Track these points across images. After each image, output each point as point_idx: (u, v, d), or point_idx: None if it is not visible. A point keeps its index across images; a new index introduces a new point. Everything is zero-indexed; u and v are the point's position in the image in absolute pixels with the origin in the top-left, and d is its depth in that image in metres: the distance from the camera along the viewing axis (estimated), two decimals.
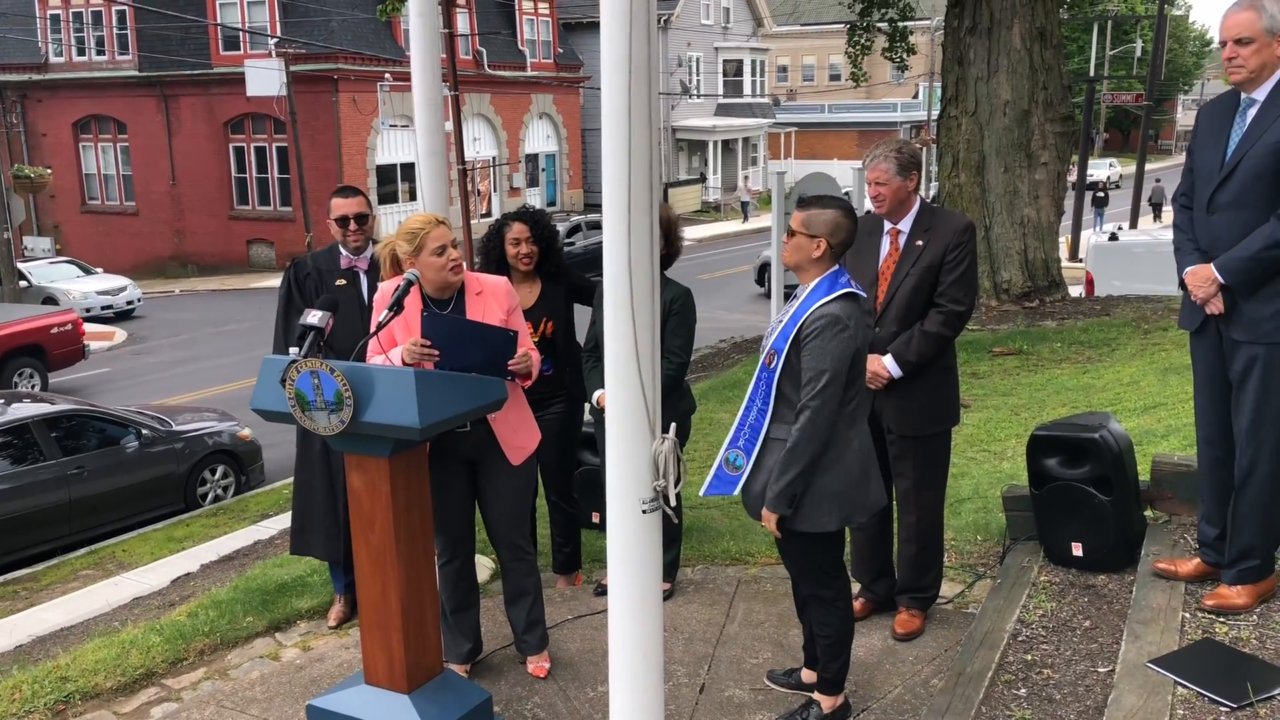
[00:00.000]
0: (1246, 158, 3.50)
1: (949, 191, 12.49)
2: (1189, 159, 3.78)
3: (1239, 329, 3.59)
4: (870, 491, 3.62)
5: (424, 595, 3.75)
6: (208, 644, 4.90)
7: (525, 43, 36.23)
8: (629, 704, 3.06)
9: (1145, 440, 5.97)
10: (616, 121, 2.79)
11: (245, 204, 31.16)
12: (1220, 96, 3.76)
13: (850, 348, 3.44)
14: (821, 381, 3.40)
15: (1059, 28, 12.55)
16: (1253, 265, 3.48)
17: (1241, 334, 3.58)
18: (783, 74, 56.61)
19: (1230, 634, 3.54)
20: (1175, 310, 11.21)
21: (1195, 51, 68.72)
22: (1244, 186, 3.51)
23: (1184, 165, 3.86)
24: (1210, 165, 3.62)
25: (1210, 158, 3.63)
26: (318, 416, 3.43)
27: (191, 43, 30.04)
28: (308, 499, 4.95)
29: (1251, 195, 3.49)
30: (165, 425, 10.97)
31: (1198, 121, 3.81)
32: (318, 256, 4.93)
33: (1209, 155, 3.64)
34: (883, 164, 4.12)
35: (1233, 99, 3.64)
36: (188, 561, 7.78)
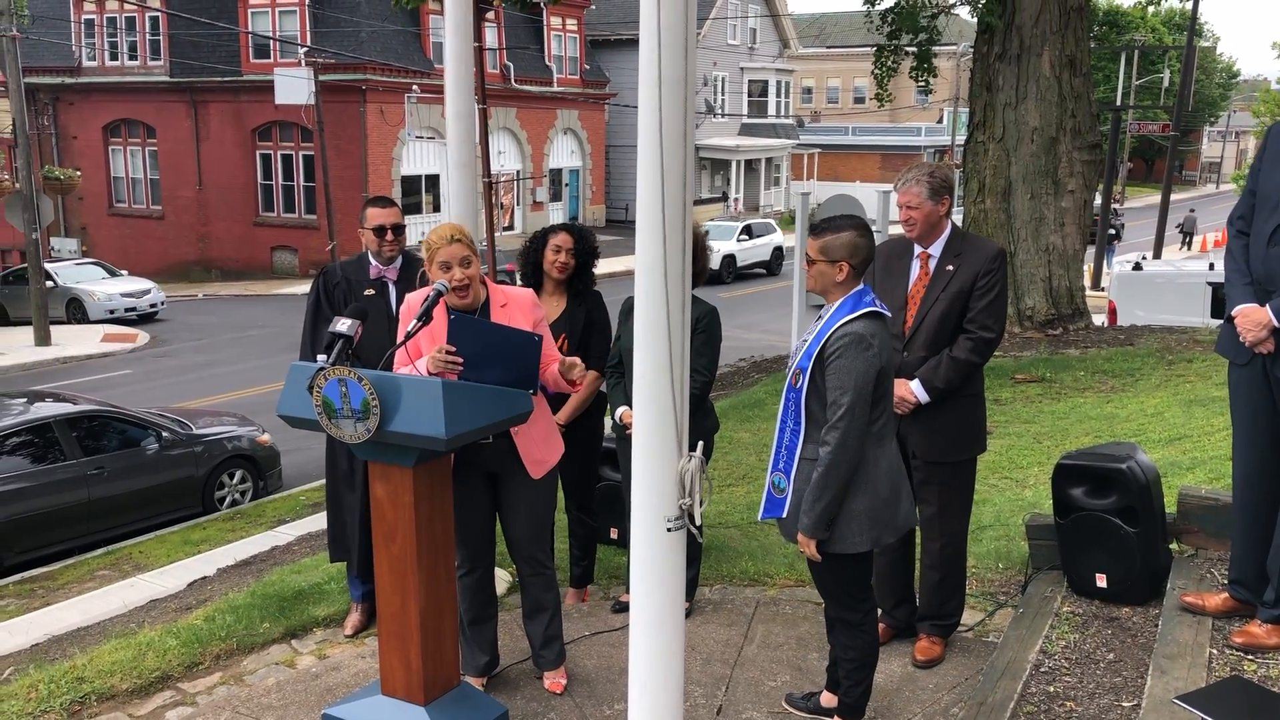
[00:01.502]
0: None
1: (974, 217, 12.45)
2: (1252, 180, 3.63)
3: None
4: (900, 511, 3.60)
5: (443, 607, 3.74)
6: (224, 649, 4.90)
7: (552, 58, 36.41)
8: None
9: (1171, 472, 5.92)
10: (651, 138, 2.79)
11: (270, 211, 31.37)
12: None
13: (874, 366, 3.42)
14: (847, 402, 3.39)
15: (1089, 56, 12.53)
16: None
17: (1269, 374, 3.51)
18: (807, 95, 56.68)
19: (1259, 672, 3.49)
20: (1200, 342, 11.17)
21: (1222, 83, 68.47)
22: None
23: (1246, 186, 3.71)
24: (1276, 193, 3.48)
25: (1277, 185, 3.49)
26: (344, 424, 3.43)
27: (223, 50, 30.32)
28: (339, 509, 4.98)
29: None
30: (185, 428, 11.01)
31: (1265, 142, 3.65)
32: (347, 265, 4.95)
33: (1276, 181, 3.50)
34: (914, 187, 4.10)
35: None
36: (204, 565, 7.79)
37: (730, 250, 28.24)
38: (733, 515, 6.51)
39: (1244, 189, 3.70)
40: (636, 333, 2.91)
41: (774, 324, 20.95)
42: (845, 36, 51.97)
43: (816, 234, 3.55)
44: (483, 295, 3.97)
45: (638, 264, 2.88)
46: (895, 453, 3.63)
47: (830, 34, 54.27)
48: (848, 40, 51.24)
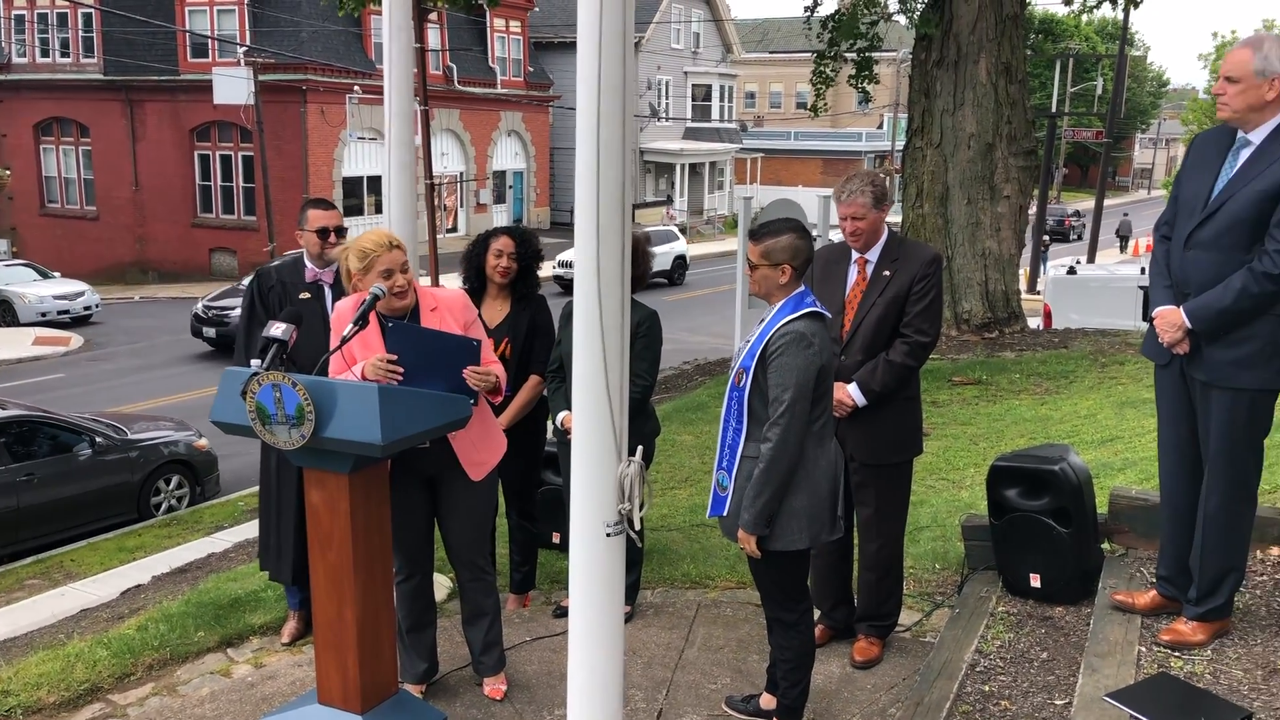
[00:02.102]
0: (1232, 200, 3.47)
1: (913, 222, 12.62)
2: (1175, 187, 3.74)
3: (1201, 369, 3.60)
4: (839, 511, 3.65)
5: (381, 615, 3.71)
6: (157, 659, 4.81)
7: (496, 60, 36.24)
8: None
9: (1103, 473, 6.03)
10: (590, 142, 2.79)
11: (209, 212, 30.86)
12: (1214, 129, 3.71)
13: (815, 364, 3.48)
14: (788, 399, 3.44)
15: (1024, 63, 12.75)
16: (1223, 317, 3.47)
17: (1203, 374, 3.60)
18: (750, 100, 57.05)
19: (1185, 669, 3.57)
20: (1132, 345, 11.41)
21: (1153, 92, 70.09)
22: (1223, 228, 3.48)
23: (1170, 193, 3.82)
24: (1195, 200, 3.58)
25: (1196, 191, 3.59)
26: (278, 431, 3.39)
27: (159, 48, 29.76)
28: (267, 516, 4.90)
29: (1229, 239, 3.47)
30: (120, 433, 10.80)
31: (1188, 151, 3.76)
32: (282, 268, 4.89)
33: (1195, 188, 3.60)
34: (860, 198, 4.13)
35: (1227, 134, 3.59)
36: (139, 573, 7.64)
37: None
38: (675, 518, 6.52)
39: (1169, 196, 3.81)
40: (575, 337, 2.90)
41: (719, 326, 21.01)
42: (788, 42, 52.35)
43: (757, 239, 3.59)
44: (413, 300, 3.93)
45: (576, 269, 2.87)
46: (835, 451, 3.68)
47: (773, 39, 54.72)
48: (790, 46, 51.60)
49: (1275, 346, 3.48)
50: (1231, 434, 3.57)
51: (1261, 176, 3.42)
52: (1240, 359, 3.50)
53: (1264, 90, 3.41)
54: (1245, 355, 3.49)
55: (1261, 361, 3.49)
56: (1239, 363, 3.50)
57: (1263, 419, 3.60)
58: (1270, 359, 3.49)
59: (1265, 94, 3.42)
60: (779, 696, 3.81)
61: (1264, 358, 3.49)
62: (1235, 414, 3.55)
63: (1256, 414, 3.56)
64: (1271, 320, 3.47)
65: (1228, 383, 3.53)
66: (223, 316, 19.44)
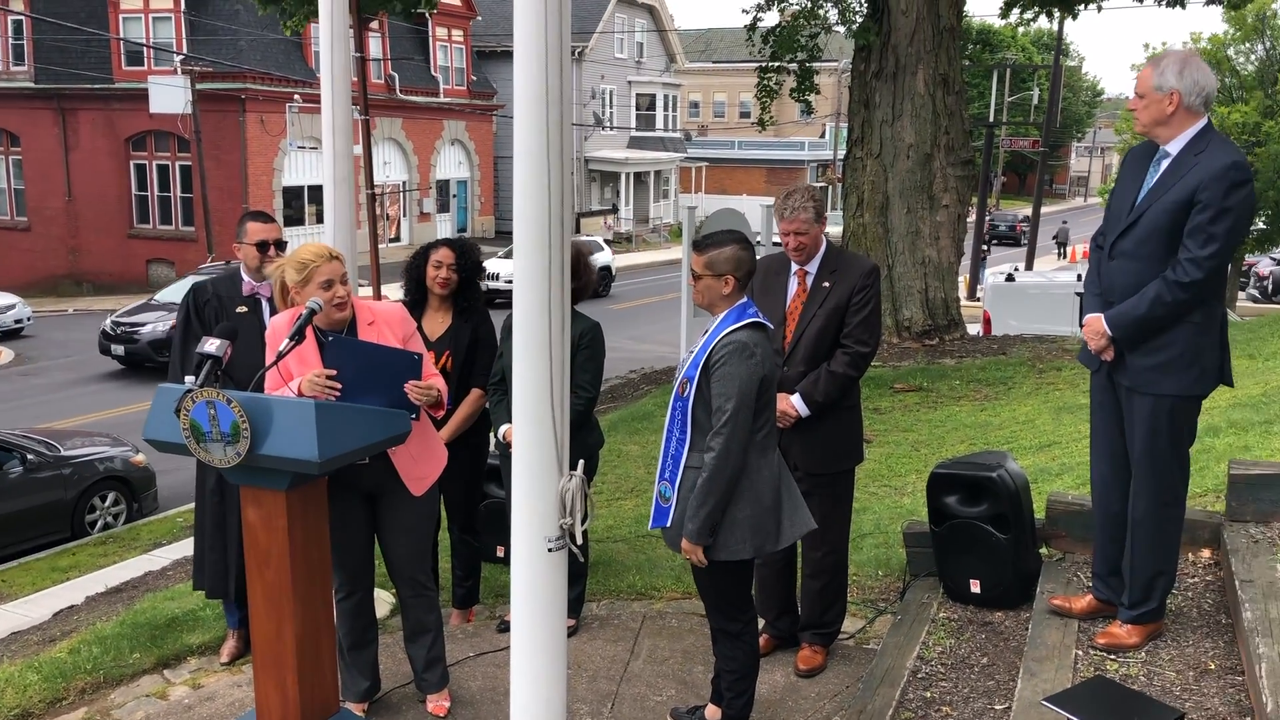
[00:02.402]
0: (1150, 210, 3.58)
1: (854, 231, 12.75)
2: (1108, 198, 3.89)
3: (1125, 375, 3.70)
4: (784, 521, 3.65)
5: (321, 633, 3.65)
6: (90, 682, 4.70)
7: (439, 69, 36.07)
8: None
9: (1041, 478, 6.13)
10: (528, 153, 2.78)
11: (146, 222, 30.31)
12: (1146, 142, 3.81)
13: (757, 374, 3.50)
14: (731, 408, 3.46)
15: (961, 74, 12.95)
16: (1140, 325, 3.58)
17: (1126, 380, 3.70)
18: (695, 110, 57.32)
19: (1121, 671, 3.63)
20: (1068, 351, 11.62)
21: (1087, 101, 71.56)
22: (1142, 238, 3.59)
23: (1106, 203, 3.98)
24: (1120, 210, 3.70)
25: (1122, 202, 3.71)
26: (213, 448, 3.33)
27: (92, 56, 29.21)
28: (202, 533, 4.81)
29: (1147, 248, 3.57)
30: (53, 449, 10.55)
31: (1123, 164, 3.89)
32: (218, 282, 4.81)
33: (1121, 199, 3.72)
34: (802, 214, 4.17)
35: (1153, 146, 3.70)
36: (72, 593, 7.46)
37: None
38: (621, 529, 6.52)
39: (1106, 206, 3.92)
40: (515, 350, 2.89)
41: (665, 335, 21.05)
42: (731, 52, 52.69)
43: (700, 250, 3.62)
44: (351, 313, 3.88)
45: (516, 281, 2.86)
46: (779, 462, 3.69)
47: (716, 49, 55.04)
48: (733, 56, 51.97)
49: (1193, 354, 3.58)
50: (1154, 439, 3.65)
51: (1175, 187, 3.53)
52: (1159, 365, 3.59)
53: (1164, 104, 3.54)
54: (1164, 362, 3.59)
55: (1180, 368, 3.58)
56: (1158, 369, 3.60)
57: (1184, 425, 3.68)
58: (1189, 366, 3.58)
59: (1165, 108, 3.55)
60: (724, 707, 3.82)
61: (1182, 365, 3.58)
62: (1157, 420, 3.63)
63: (1177, 420, 3.64)
64: (1189, 328, 3.56)
65: (1148, 389, 3.62)
66: (133, 333, 18.67)
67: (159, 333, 18.34)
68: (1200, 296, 3.51)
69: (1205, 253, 3.45)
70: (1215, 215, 3.43)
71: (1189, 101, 3.52)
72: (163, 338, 18.22)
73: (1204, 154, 3.51)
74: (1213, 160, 3.47)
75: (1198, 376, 3.60)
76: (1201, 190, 3.45)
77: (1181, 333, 3.55)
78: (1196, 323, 3.55)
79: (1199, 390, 3.63)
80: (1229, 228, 3.44)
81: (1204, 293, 3.52)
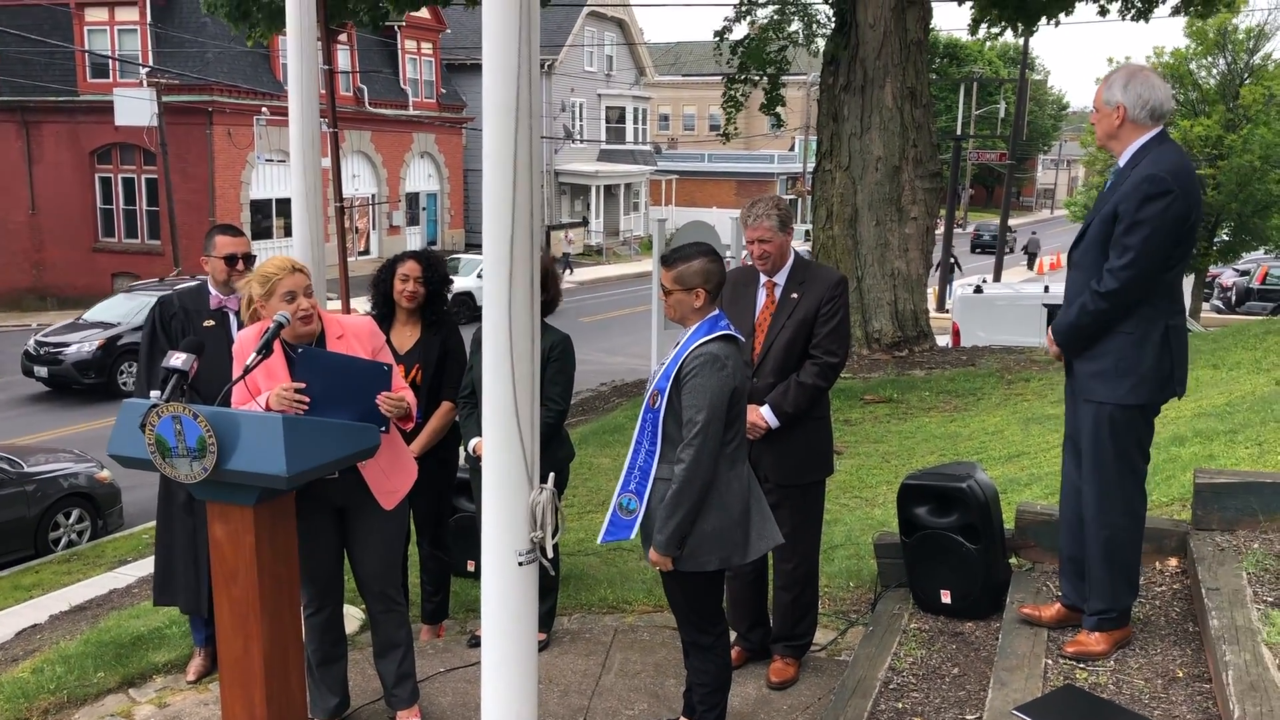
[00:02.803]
0: (1093, 222, 3.69)
1: (823, 243, 12.82)
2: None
3: (1071, 381, 3.82)
4: (751, 534, 3.64)
5: (289, 650, 3.62)
6: (53, 702, 4.62)
7: (408, 81, 35.99)
8: None
9: (1010, 489, 6.17)
10: (497, 166, 2.78)
11: (111, 236, 30.02)
12: None
13: (728, 386, 3.50)
14: (702, 420, 3.46)
15: (929, 88, 13.07)
16: (1071, 332, 3.71)
17: (1072, 387, 3.82)
18: (664, 122, 57.51)
19: (1090, 679, 3.65)
20: (1036, 362, 11.71)
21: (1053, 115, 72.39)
22: (1086, 248, 3.71)
23: None
24: (1084, 226, 3.80)
25: (1090, 220, 3.77)
26: (179, 464, 3.29)
27: (56, 68, 28.92)
28: (169, 548, 4.74)
29: (1088, 258, 3.68)
30: (15, 465, 10.40)
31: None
32: (184, 295, 4.76)
33: (1091, 218, 3.78)
34: (766, 222, 4.19)
35: None
36: (35, 612, 7.35)
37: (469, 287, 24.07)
38: (592, 543, 6.49)
39: None
40: (485, 363, 2.88)
41: (637, 347, 21.06)
42: (700, 65, 52.95)
43: (669, 265, 3.63)
44: (319, 327, 3.86)
45: (485, 294, 2.86)
46: (748, 475, 3.69)
47: (685, 63, 55.27)
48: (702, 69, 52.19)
49: (1128, 364, 3.62)
50: (1096, 445, 3.71)
51: (1111, 200, 3.61)
52: (1095, 373, 3.69)
53: (1112, 118, 3.63)
54: (1098, 370, 3.67)
55: (1113, 377, 3.64)
56: (1095, 377, 3.69)
57: (1124, 433, 3.70)
58: (1122, 375, 3.63)
59: (1114, 121, 3.63)
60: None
61: (1116, 374, 3.63)
62: (1098, 426, 3.69)
63: (1117, 428, 3.68)
64: (1121, 338, 3.62)
65: (1087, 395, 3.72)
66: (57, 354, 17.69)
67: (85, 354, 17.53)
68: (1123, 306, 3.57)
69: (1119, 263, 3.53)
70: (1128, 227, 3.51)
71: (1134, 114, 3.60)
72: (88, 359, 17.49)
73: (1139, 166, 3.58)
74: (1138, 173, 3.55)
75: (1133, 386, 3.63)
76: (1120, 202, 3.54)
77: (1114, 342, 3.63)
78: (1129, 333, 3.61)
79: (1134, 399, 3.64)
80: (1143, 238, 3.48)
81: (1128, 302, 3.56)
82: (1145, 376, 3.63)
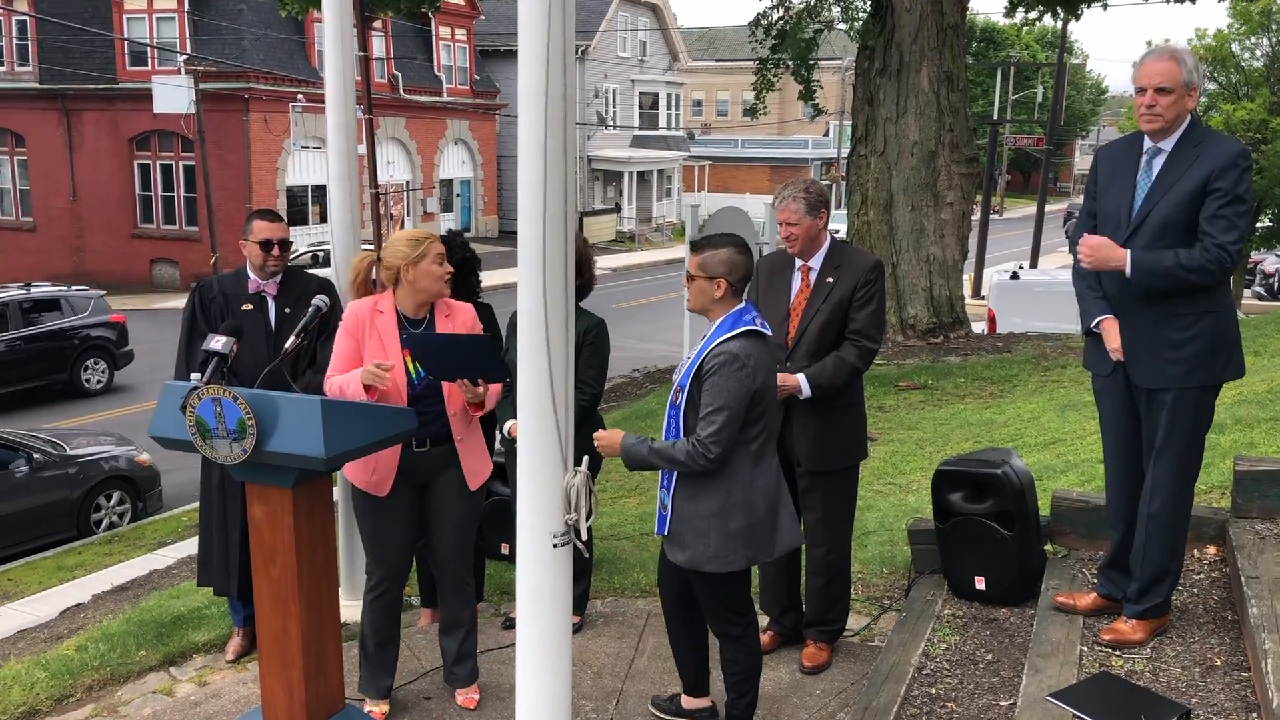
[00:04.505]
0: (1157, 208, 3.55)
1: (858, 229, 12.74)
2: (1089, 203, 3.82)
3: (1151, 377, 3.65)
4: (778, 532, 3.61)
5: (326, 630, 3.66)
6: (97, 679, 4.71)
7: (442, 68, 36.09)
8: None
9: (1045, 475, 6.12)
10: (532, 153, 2.78)
11: (150, 222, 30.36)
12: (1119, 141, 3.81)
13: (748, 385, 3.43)
14: (716, 417, 3.40)
15: (965, 72, 12.93)
16: (1163, 275, 3.49)
17: (1147, 380, 3.65)
18: (697, 108, 57.28)
19: (1126, 667, 3.63)
20: (1073, 349, 11.60)
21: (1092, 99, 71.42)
22: (1155, 237, 3.55)
23: (1082, 209, 3.91)
24: (1117, 212, 3.66)
25: (1117, 204, 3.67)
26: (219, 445, 3.34)
27: (97, 56, 29.25)
28: (208, 530, 4.81)
29: (1164, 243, 3.53)
30: (59, 449, 10.58)
31: (1097, 165, 3.86)
32: (224, 279, 4.81)
33: (1115, 201, 3.68)
34: (792, 204, 4.17)
35: (1134, 144, 3.69)
36: (78, 592, 7.49)
37: None
38: (625, 527, 6.52)
39: (1082, 212, 3.89)
40: (520, 347, 2.89)
41: (669, 334, 21.04)
42: (734, 50, 52.67)
43: (696, 250, 3.60)
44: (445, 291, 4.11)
45: (520, 278, 2.87)
46: (774, 471, 3.63)
47: (719, 47, 54.98)
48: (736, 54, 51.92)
49: (1220, 344, 3.59)
50: (1181, 432, 3.65)
51: (1182, 180, 3.52)
52: (1184, 360, 3.58)
53: (1188, 100, 3.54)
54: (1192, 355, 3.57)
55: (1206, 360, 3.58)
56: (1185, 364, 3.58)
57: (1205, 414, 3.69)
58: (1213, 356, 3.59)
59: (1188, 104, 3.55)
60: (727, 707, 3.82)
61: (1208, 355, 3.58)
62: (1180, 412, 3.62)
63: (1201, 410, 3.65)
64: (1212, 318, 3.57)
65: (1176, 383, 3.61)
66: None
67: None
68: (1220, 282, 3.53)
69: (1230, 238, 3.45)
70: (1232, 200, 3.45)
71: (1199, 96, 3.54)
72: None
73: (1203, 145, 3.52)
74: (1220, 149, 3.49)
75: (1224, 364, 3.62)
76: (1215, 179, 3.46)
77: (1206, 324, 3.56)
78: (1217, 311, 3.57)
79: (1223, 379, 3.65)
80: (1245, 212, 3.47)
81: (1225, 279, 3.54)
82: (1233, 355, 3.63)
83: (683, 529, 3.55)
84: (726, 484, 3.48)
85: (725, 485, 3.48)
